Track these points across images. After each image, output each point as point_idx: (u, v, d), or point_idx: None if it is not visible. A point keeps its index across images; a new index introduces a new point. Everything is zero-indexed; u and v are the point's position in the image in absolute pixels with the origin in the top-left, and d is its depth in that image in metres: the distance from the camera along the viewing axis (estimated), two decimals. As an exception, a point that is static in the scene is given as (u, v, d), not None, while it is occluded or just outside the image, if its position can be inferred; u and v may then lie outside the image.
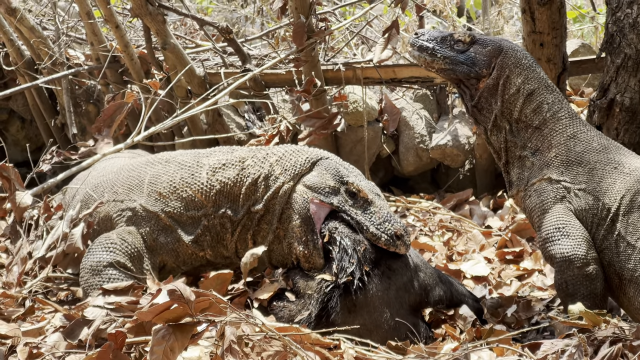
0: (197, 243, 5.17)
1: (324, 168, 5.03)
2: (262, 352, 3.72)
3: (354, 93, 8.20)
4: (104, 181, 5.57)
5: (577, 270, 4.65)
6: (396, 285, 4.89)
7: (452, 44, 5.10)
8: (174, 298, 3.17)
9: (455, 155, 8.11)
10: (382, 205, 5.01)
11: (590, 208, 4.77)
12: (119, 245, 5.11)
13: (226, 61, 8.37)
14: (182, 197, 5.16)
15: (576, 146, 4.91)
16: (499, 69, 5.03)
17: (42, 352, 3.89)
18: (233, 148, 5.38)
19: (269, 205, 5.05)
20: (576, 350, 3.56)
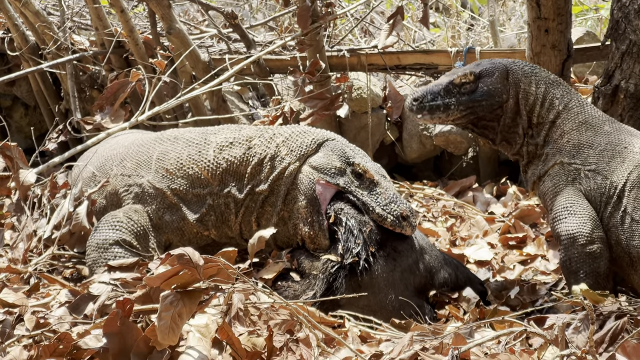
0: (202, 222, 5.17)
1: (330, 149, 5.03)
2: (269, 320, 3.73)
3: (358, 80, 8.21)
4: (114, 154, 5.57)
5: (580, 248, 4.68)
6: (401, 266, 4.89)
7: (458, 89, 5.09)
8: (183, 262, 3.18)
9: (458, 143, 8.12)
10: (388, 186, 5.02)
11: (599, 187, 4.79)
12: (125, 223, 5.11)
13: (231, 47, 8.37)
14: (188, 174, 5.16)
15: (587, 131, 4.97)
16: (514, 87, 5.07)
17: (49, 322, 3.89)
18: (241, 126, 5.38)
19: (274, 187, 5.05)
20: (582, 323, 3.57)
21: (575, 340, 3.48)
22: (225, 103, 8.16)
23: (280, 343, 3.61)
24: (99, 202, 5.48)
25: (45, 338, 3.72)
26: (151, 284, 3.39)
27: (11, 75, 8.18)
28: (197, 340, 3.30)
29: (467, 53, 7.68)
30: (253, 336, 3.51)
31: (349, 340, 3.93)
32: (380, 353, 3.72)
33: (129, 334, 3.39)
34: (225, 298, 3.45)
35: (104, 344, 3.42)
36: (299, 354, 3.58)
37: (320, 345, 3.51)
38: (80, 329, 3.75)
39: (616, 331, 3.60)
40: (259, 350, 3.46)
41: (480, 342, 3.42)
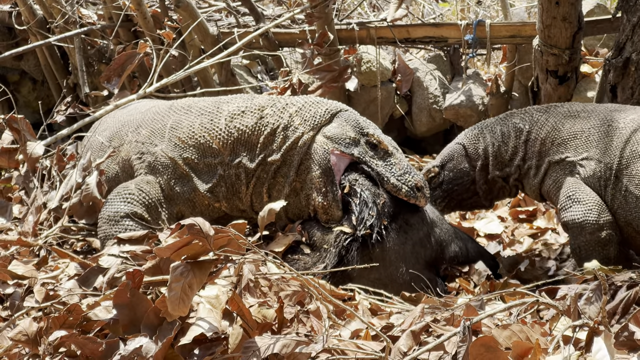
0: (213, 193, 5.15)
1: (344, 120, 5.01)
2: (279, 291, 3.72)
3: (367, 53, 8.18)
4: (131, 120, 5.56)
5: (589, 235, 4.69)
6: (413, 240, 4.88)
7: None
8: (193, 232, 3.16)
9: (468, 116, 8.09)
10: (401, 157, 5.00)
11: (595, 172, 4.79)
12: (136, 196, 5.10)
13: (240, 21, 8.34)
14: (200, 142, 5.12)
15: (565, 125, 5.04)
16: (482, 157, 5.27)
17: (59, 294, 3.89)
18: (253, 96, 5.35)
19: (287, 157, 5.01)
20: (593, 293, 3.55)
21: (587, 311, 3.47)
22: (234, 77, 8.13)
23: (290, 314, 3.60)
24: (111, 169, 5.46)
25: (54, 310, 3.71)
26: (161, 255, 3.37)
27: (19, 49, 8.19)
28: (207, 311, 3.29)
29: (476, 26, 7.65)
30: (263, 307, 3.49)
31: (360, 313, 3.92)
32: (391, 325, 3.70)
33: (139, 305, 3.38)
34: (235, 269, 3.44)
35: (114, 315, 3.42)
36: (310, 326, 3.56)
37: (331, 317, 3.49)
38: (90, 300, 3.75)
39: (628, 301, 3.59)
40: (269, 321, 3.45)
41: (491, 314, 3.40)
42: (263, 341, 3.19)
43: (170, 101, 5.62)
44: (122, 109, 6.11)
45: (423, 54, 8.89)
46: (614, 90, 6.17)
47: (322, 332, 3.34)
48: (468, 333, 3.05)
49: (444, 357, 3.14)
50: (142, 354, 3.16)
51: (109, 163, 5.47)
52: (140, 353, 3.16)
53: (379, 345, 3.32)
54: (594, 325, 3.07)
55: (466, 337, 3.04)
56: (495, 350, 3.03)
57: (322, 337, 3.19)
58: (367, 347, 3.29)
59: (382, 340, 3.30)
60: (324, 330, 3.26)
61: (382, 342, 3.29)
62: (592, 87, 7.10)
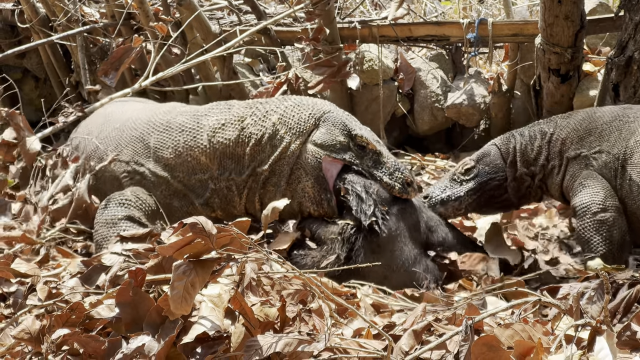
0: (208, 205, 5.18)
1: (331, 124, 5.00)
2: (282, 290, 3.73)
3: (369, 51, 8.17)
4: (108, 137, 5.57)
5: (592, 215, 4.78)
6: (408, 224, 4.96)
7: (462, 178, 5.41)
8: (196, 231, 3.17)
9: (470, 115, 8.09)
10: (387, 154, 5.07)
11: (606, 164, 4.88)
12: (133, 201, 5.12)
13: (242, 19, 8.34)
14: (187, 161, 5.15)
15: (582, 125, 5.20)
16: (512, 154, 5.39)
17: (62, 292, 3.90)
18: (230, 105, 5.33)
19: (275, 167, 5.02)
20: (595, 292, 3.55)
21: (589, 310, 3.47)
22: (236, 75, 8.13)
23: (293, 313, 3.60)
24: (99, 187, 5.47)
25: (57, 308, 3.72)
26: (164, 253, 3.38)
27: (21, 47, 8.18)
28: (209, 310, 3.29)
29: (479, 24, 7.64)
30: (266, 306, 3.50)
31: (362, 311, 3.92)
32: (393, 324, 3.71)
33: (142, 303, 3.38)
34: (238, 268, 3.44)
35: (116, 313, 3.42)
36: (312, 324, 3.57)
37: (333, 316, 3.49)
38: (93, 298, 3.75)
39: (630, 300, 3.59)
40: (271, 320, 3.45)
41: (493, 313, 3.40)
42: (265, 340, 3.19)
43: (144, 110, 5.61)
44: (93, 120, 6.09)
45: (425, 53, 8.88)
46: (616, 89, 6.17)
47: (324, 330, 3.34)
48: (470, 332, 3.05)
49: (446, 356, 3.15)
50: (145, 352, 3.16)
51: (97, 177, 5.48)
52: (142, 351, 3.16)
53: (381, 344, 3.33)
54: (596, 325, 3.07)
55: (468, 336, 3.04)
56: (498, 349, 3.03)
57: (324, 336, 3.20)
58: (369, 346, 3.29)
59: (384, 339, 3.30)
60: (326, 329, 3.26)
61: (384, 340, 3.30)
62: (595, 86, 7.09)
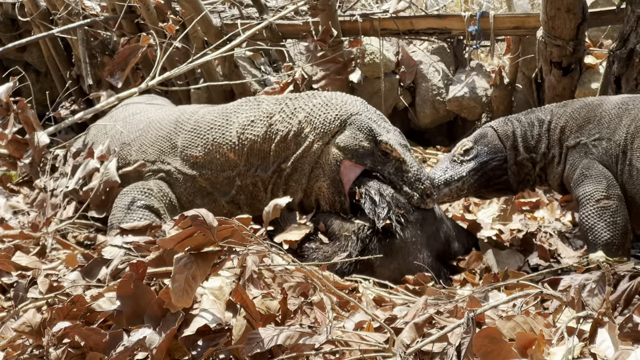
0: (234, 202, 5.19)
1: (356, 127, 4.92)
2: (283, 283, 3.72)
3: (371, 45, 8.17)
4: (132, 139, 5.58)
5: (595, 203, 4.79)
6: (427, 233, 4.94)
7: (462, 158, 5.33)
8: (197, 224, 3.16)
9: (472, 108, 8.08)
10: (411, 162, 4.98)
11: (607, 151, 4.88)
12: (155, 192, 5.15)
13: (243, 12, 8.33)
14: (216, 158, 5.14)
15: (580, 112, 5.15)
16: (512, 138, 5.31)
17: (62, 285, 3.89)
18: (259, 101, 5.30)
19: (297, 164, 5.00)
20: (596, 284, 3.54)
21: (590, 302, 3.46)
22: (238, 69, 8.12)
23: (294, 306, 3.60)
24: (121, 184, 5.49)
25: (58, 301, 3.71)
26: (165, 246, 3.37)
27: (22, 40, 8.19)
28: (210, 302, 3.29)
29: (480, 17, 7.63)
30: (267, 299, 3.49)
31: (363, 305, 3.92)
32: (395, 317, 3.70)
33: (143, 296, 3.38)
34: (239, 260, 3.43)
35: (117, 306, 3.42)
36: (313, 317, 3.57)
37: (335, 309, 3.49)
38: (94, 291, 3.75)
39: (631, 292, 3.59)
40: (273, 313, 3.45)
41: (495, 305, 3.40)
42: (267, 332, 3.19)
43: (173, 114, 5.58)
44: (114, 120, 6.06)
45: (426, 46, 8.88)
46: (618, 81, 6.17)
47: (325, 323, 3.34)
48: (472, 324, 3.05)
49: (447, 349, 3.14)
50: (146, 345, 3.16)
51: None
52: (143, 344, 3.16)
53: (383, 337, 3.32)
54: (597, 317, 3.07)
55: (470, 329, 3.04)
56: (499, 341, 3.03)
57: (325, 329, 3.19)
58: (370, 339, 3.29)
59: (385, 331, 3.30)
60: (327, 322, 3.26)
61: (386, 333, 3.29)
62: (596, 79, 7.09)
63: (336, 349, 3.22)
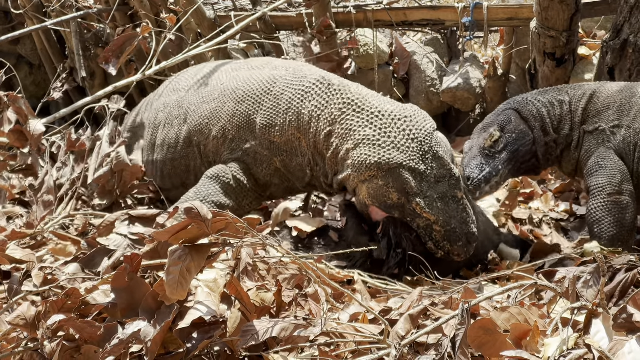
0: (311, 185, 5.21)
1: (391, 181, 4.64)
2: (278, 275, 3.73)
3: (364, 36, 8.17)
4: (212, 114, 5.42)
5: (607, 196, 4.77)
6: (451, 268, 4.94)
7: (493, 150, 5.22)
8: (191, 216, 3.16)
9: (466, 99, 8.09)
10: (447, 220, 4.69)
11: (625, 139, 4.88)
12: (233, 185, 5.17)
13: (236, 4, 8.32)
14: (291, 141, 5.07)
15: (599, 98, 5.13)
16: (539, 119, 5.26)
17: (57, 278, 3.89)
18: (330, 89, 4.99)
19: (341, 185, 4.94)
20: (591, 276, 3.55)
21: (585, 293, 3.47)
22: (232, 60, 8.12)
23: (289, 298, 3.60)
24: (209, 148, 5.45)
25: (53, 294, 3.71)
26: (159, 239, 3.37)
27: (15, 33, 8.15)
28: (205, 295, 3.29)
29: (474, 9, 7.64)
30: (262, 291, 3.50)
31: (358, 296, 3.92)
32: (390, 308, 3.70)
33: (138, 289, 3.37)
34: (233, 253, 3.43)
35: (112, 299, 3.41)
36: (308, 309, 3.57)
37: (330, 301, 3.49)
38: (89, 284, 3.75)
39: (626, 284, 3.59)
40: (267, 305, 3.45)
41: (489, 296, 3.40)
42: (261, 325, 3.19)
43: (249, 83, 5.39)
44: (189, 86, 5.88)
45: (420, 37, 8.89)
46: (612, 72, 6.17)
47: (320, 315, 3.35)
48: (467, 316, 3.05)
49: (442, 340, 3.14)
50: (141, 337, 3.15)
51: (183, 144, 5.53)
52: (138, 337, 3.15)
53: (378, 329, 3.33)
54: (592, 308, 3.07)
55: (465, 320, 3.04)
56: (494, 332, 3.03)
57: (320, 321, 3.19)
58: (365, 331, 3.29)
59: (380, 323, 3.30)
60: (322, 314, 3.26)
61: (381, 325, 3.29)
62: (590, 70, 7.10)
63: (331, 341, 3.23)
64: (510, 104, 5.33)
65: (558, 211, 6.11)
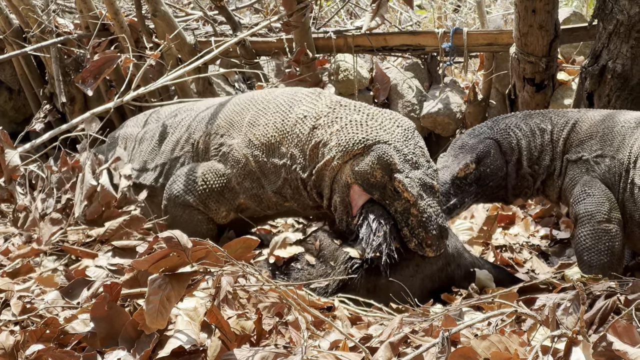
0: (281, 194, 5.21)
1: (377, 156, 4.76)
2: (258, 303, 3.72)
3: (345, 61, 8.19)
4: (210, 113, 5.62)
5: (597, 224, 4.77)
6: (423, 273, 4.85)
7: (464, 181, 5.24)
8: (171, 245, 3.15)
9: (446, 124, 8.10)
10: (424, 207, 4.77)
11: (610, 169, 4.90)
12: (199, 185, 5.27)
13: (217, 30, 8.34)
14: (270, 142, 5.16)
15: (581, 127, 5.15)
16: (517, 151, 5.28)
17: (36, 307, 3.87)
18: (320, 96, 5.23)
19: (320, 174, 4.97)
20: (571, 303, 3.56)
21: (565, 321, 3.48)
22: (212, 86, 8.12)
23: (269, 326, 3.60)
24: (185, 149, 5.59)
25: (32, 323, 3.69)
26: (139, 267, 3.36)
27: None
28: (185, 323, 3.28)
29: (454, 34, 7.68)
30: (242, 319, 3.49)
31: (339, 323, 3.91)
32: (370, 336, 3.70)
33: (117, 318, 3.36)
34: (214, 281, 3.43)
35: (91, 328, 3.40)
36: (289, 337, 3.56)
37: (310, 328, 3.49)
38: (67, 313, 3.73)
39: (606, 311, 3.61)
40: (248, 333, 3.44)
41: (470, 324, 3.40)
42: (242, 353, 3.18)
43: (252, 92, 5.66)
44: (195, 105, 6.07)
45: (400, 62, 8.91)
46: (591, 97, 6.21)
47: (300, 343, 3.34)
48: (447, 344, 3.05)
49: (423, 368, 3.14)
50: (120, 367, 3.15)
51: (184, 144, 5.61)
52: (118, 366, 3.15)
53: (358, 356, 3.32)
54: (572, 336, 3.08)
55: (445, 348, 3.04)
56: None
57: (300, 349, 3.19)
58: (345, 358, 3.29)
59: (360, 351, 3.30)
60: (302, 342, 3.26)
61: (361, 353, 3.29)
62: (569, 95, 7.13)
63: (312, 370, 3.22)
64: (494, 132, 5.31)
65: (538, 236, 6.12)
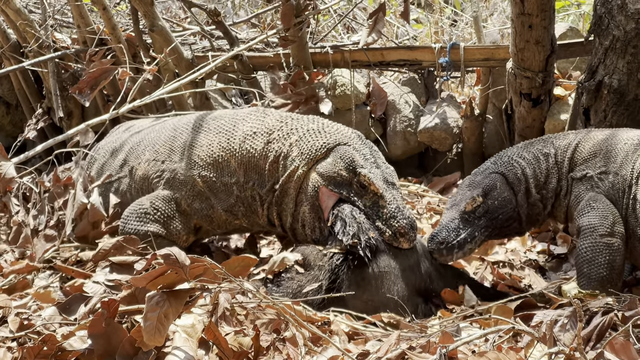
0: (232, 212, 5.24)
1: (339, 156, 4.92)
2: (256, 319, 3.72)
3: (342, 76, 8.18)
4: (146, 139, 5.65)
5: (599, 237, 4.76)
6: (403, 265, 4.88)
7: (473, 215, 5.17)
8: (169, 262, 3.16)
9: (443, 139, 8.11)
10: (391, 199, 4.91)
11: (613, 185, 4.91)
12: (151, 215, 5.23)
13: (214, 44, 8.34)
14: (217, 162, 5.19)
15: (585, 146, 5.15)
16: (517, 183, 5.24)
17: (34, 323, 3.87)
18: (266, 113, 5.34)
19: (285, 188, 5.04)
20: (568, 320, 3.56)
21: (562, 337, 3.48)
22: (209, 100, 8.12)
23: (267, 342, 3.60)
24: (125, 183, 5.61)
25: (29, 339, 3.69)
26: (137, 284, 3.37)
27: (-8, 73, 8.15)
28: (183, 340, 3.28)
29: (450, 49, 7.69)
30: (240, 336, 3.49)
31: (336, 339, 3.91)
32: (367, 352, 3.70)
33: (115, 334, 3.36)
34: (211, 298, 3.43)
35: (89, 345, 3.41)
36: (286, 354, 3.56)
37: (307, 344, 3.49)
38: (65, 330, 3.73)
39: (603, 327, 3.61)
40: (245, 349, 3.44)
41: (467, 341, 3.40)
42: (239, 370, 3.19)
43: (189, 116, 5.69)
44: (129, 129, 6.13)
45: (397, 77, 8.91)
46: (587, 113, 6.21)
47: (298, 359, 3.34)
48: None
49: (420, 385, 3.14)
50: (118, 384, 3.15)
51: (123, 177, 5.61)
52: (115, 383, 3.15)
53: (356, 373, 3.32)
54: (569, 352, 3.08)
55: (442, 365, 3.04)
56: (472, 378, 3.04)
57: (298, 366, 3.19)
58: (343, 375, 3.29)
59: (358, 367, 3.30)
60: (300, 358, 3.26)
61: (359, 369, 3.29)
62: (565, 110, 7.14)
63: (309, 386, 3.22)
64: (498, 166, 5.30)
65: (535, 251, 6.12)
